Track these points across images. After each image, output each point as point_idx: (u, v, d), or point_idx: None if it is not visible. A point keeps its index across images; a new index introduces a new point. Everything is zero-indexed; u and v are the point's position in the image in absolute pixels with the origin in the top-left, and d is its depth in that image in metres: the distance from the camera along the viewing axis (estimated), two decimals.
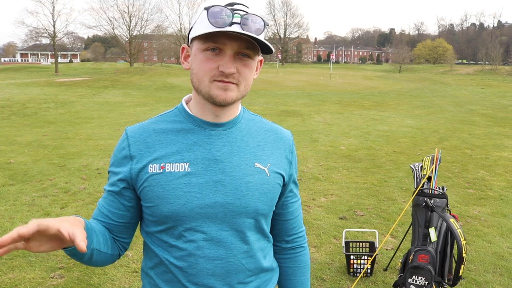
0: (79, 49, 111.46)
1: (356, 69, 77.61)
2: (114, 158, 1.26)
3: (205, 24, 1.11)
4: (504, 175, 7.52)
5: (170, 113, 1.30)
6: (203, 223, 1.20)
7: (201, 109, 1.24)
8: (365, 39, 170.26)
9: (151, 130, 1.25)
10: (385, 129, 12.44)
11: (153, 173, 1.19)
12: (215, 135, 1.24)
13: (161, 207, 1.19)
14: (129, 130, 1.27)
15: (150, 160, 1.20)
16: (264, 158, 1.29)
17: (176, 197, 1.18)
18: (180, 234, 1.21)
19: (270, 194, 1.27)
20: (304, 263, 1.48)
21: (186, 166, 1.20)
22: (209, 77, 1.16)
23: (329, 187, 6.67)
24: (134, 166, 1.21)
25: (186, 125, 1.25)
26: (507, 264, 4.24)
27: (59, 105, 17.14)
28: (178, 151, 1.21)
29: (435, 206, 3.35)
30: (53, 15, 51.23)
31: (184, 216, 1.19)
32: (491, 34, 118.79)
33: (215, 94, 1.16)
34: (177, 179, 1.19)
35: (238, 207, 1.22)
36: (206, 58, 1.15)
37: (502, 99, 22.68)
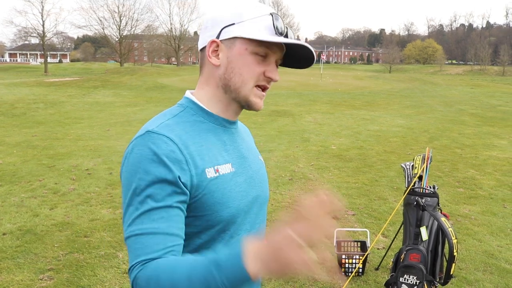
0: (68, 49, 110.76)
1: (346, 69, 77.87)
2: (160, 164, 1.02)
3: (269, 29, 1.12)
4: (493, 174, 7.57)
5: (184, 112, 1.17)
6: (245, 220, 1.20)
7: (224, 108, 1.20)
8: (355, 39, 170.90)
9: (182, 131, 1.11)
10: (375, 129, 12.48)
11: (212, 178, 1.09)
12: (235, 133, 1.25)
13: (220, 212, 1.11)
14: (166, 131, 1.07)
15: (204, 164, 1.09)
16: (257, 150, 1.39)
17: (233, 199, 1.14)
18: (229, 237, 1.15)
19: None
20: None
21: (230, 166, 1.16)
22: (254, 81, 1.15)
23: (320, 186, 6.67)
24: (193, 173, 1.06)
25: (209, 124, 1.18)
26: (497, 263, 4.26)
27: (48, 106, 17.01)
28: (219, 152, 1.16)
29: (426, 205, 3.36)
30: (42, 15, 50.95)
31: (238, 217, 1.16)
32: (480, 34, 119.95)
33: (254, 101, 1.17)
34: (230, 181, 1.14)
35: (263, 198, 1.29)
36: (256, 62, 1.14)
37: (491, 99, 22.87)
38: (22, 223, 5.02)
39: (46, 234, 4.73)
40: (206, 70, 1.20)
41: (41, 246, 4.42)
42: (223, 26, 1.14)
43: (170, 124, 1.10)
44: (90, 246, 4.45)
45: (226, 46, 1.14)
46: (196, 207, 1.08)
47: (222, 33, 1.14)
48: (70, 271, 3.93)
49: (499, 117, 15.55)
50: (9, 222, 5.04)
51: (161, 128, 1.08)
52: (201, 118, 1.18)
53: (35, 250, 4.31)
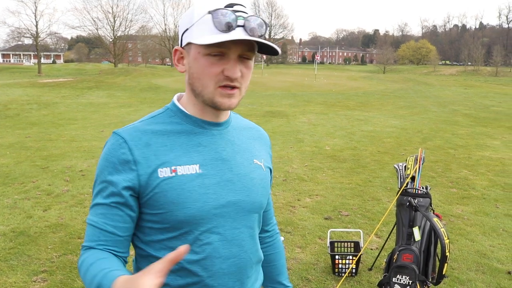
0: (62, 49, 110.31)
1: (340, 69, 78.06)
2: (110, 165, 1.13)
3: (210, 29, 1.09)
4: (486, 174, 7.61)
5: (163, 114, 1.24)
6: (218, 224, 1.19)
7: (200, 111, 1.21)
8: (349, 40, 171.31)
9: (149, 132, 1.17)
10: (369, 129, 12.52)
11: (165, 178, 1.13)
12: (217, 134, 1.24)
13: (176, 212, 1.13)
14: (124, 133, 1.16)
15: (159, 164, 1.13)
16: (258, 154, 1.33)
17: (193, 200, 1.14)
18: (195, 238, 1.17)
19: (267, 188, 1.33)
20: (281, 247, 1.58)
21: (197, 167, 1.17)
22: (214, 83, 1.13)
23: (314, 187, 6.69)
24: (141, 172, 1.12)
25: (186, 126, 1.21)
26: (489, 262, 4.29)
27: (42, 106, 16.95)
28: (186, 153, 1.17)
29: (419, 205, 3.38)
30: (35, 15, 50.70)
31: (201, 219, 1.16)
32: (473, 35, 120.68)
33: (220, 102, 1.15)
34: (191, 182, 1.15)
35: (248, 204, 1.24)
36: (210, 63, 1.12)
37: (484, 99, 23.00)
38: (15, 224, 5.01)
39: (39, 235, 4.71)
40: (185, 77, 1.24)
41: (34, 248, 4.41)
42: (182, 32, 1.17)
43: (137, 127, 1.18)
44: None
45: (187, 52, 1.17)
46: (150, 205, 1.14)
47: (182, 40, 1.17)
48: (64, 273, 3.92)
49: (492, 118, 15.64)
50: (2, 224, 5.02)
51: (126, 130, 1.17)
52: (178, 120, 1.21)
53: (29, 252, 4.30)
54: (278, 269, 1.54)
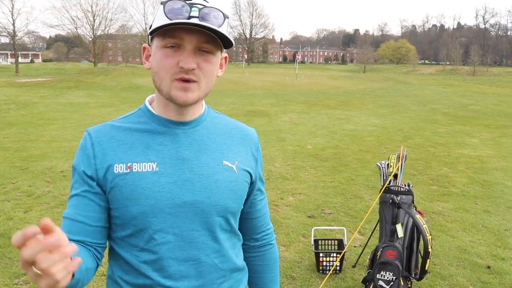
0: (40, 48, 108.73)
1: (321, 69, 78.50)
2: (79, 159, 1.19)
3: (162, 19, 1.08)
4: (465, 172, 7.75)
5: (133, 114, 1.27)
6: (174, 224, 1.17)
7: (164, 108, 1.22)
8: (330, 40, 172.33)
9: (114, 130, 1.21)
10: (351, 128, 12.63)
11: (120, 173, 1.15)
12: (181, 133, 1.22)
13: (130, 208, 1.14)
14: (91, 130, 1.22)
15: (115, 160, 1.16)
16: (232, 155, 1.28)
17: (145, 197, 1.14)
18: (150, 237, 1.16)
19: (239, 191, 1.27)
20: (274, 260, 1.49)
21: (154, 165, 1.16)
22: (170, 75, 1.13)
23: (297, 186, 6.72)
24: (99, 166, 1.16)
25: (151, 125, 1.22)
26: (470, 257, 4.37)
27: (20, 107, 16.67)
28: (145, 151, 1.18)
29: (402, 202, 3.43)
30: (12, 13, 49.68)
31: (153, 217, 1.15)
32: (451, 35, 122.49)
33: (176, 95, 1.14)
34: (146, 179, 1.15)
35: (207, 206, 1.20)
36: (165, 55, 1.12)
37: (463, 98, 23.37)
38: None
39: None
40: None
41: (15, 250, 4.34)
42: (149, 31, 1.18)
43: (106, 125, 1.24)
44: None
45: (151, 48, 1.19)
46: (110, 200, 1.17)
47: (150, 38, 1.19)
48: None
49: (470, 116, 15.91)
50: None
51: (96, 127, 1.23)
52: (145, 119, 1.23)
53: (9, 255, 4.24)
54: (264, 282, 1.47)
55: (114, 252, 1.24)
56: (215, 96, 21.06)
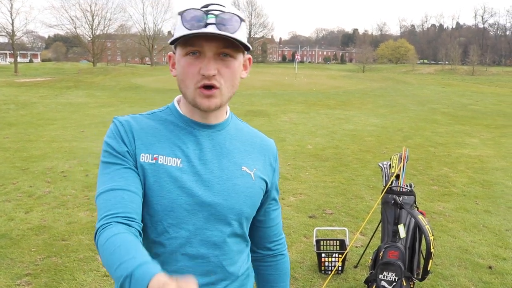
0: (39, 48, 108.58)
1: (320, 68, 78.48)
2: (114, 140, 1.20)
3: (181, 29, 1.11)
4: (465, 172, 7.76)
5: (161, 111, 1.30)
6: (189, 221, 1.19)
7: (190, 111, 1.26)
8: (329, 39, 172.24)
9: (143, 122, 1.25)
10: (350, 128, 12.63)
11: (145, 163, 1.18)
12: (205, 135, 1.25)
13: (151, 198, 1.17)
14: (121, 118, 1.25)
15: (142, 149, 1.19)
16: (251, 162, 1.31)
17: (167, 190, 1.17)
18: (164, 230, 1.19)
19: (254, 198, 1.30)
20: (285, 270, 1.51)
21: (178, 161, 1.20)
22: (193, 83, 1.16)
23: (298, 186, 6.73)
24: (131, 152, 1.19)
25: (177, 124, 1.25)
26: (471, 257, 4.38)
27: (19, 107, 16.66)
28: (171, 146, 1.21)
29: (404, 203, 3.44)
30: (11, 13, 49.66)
31: (171, 211, 1.17)
32: (450, 35, 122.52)
33: (200, 102, 1.18)
34: (170, 173, 1.18)
35: (224, 208, 1.22)
36: (188, 63, 1.15)
37: (462, 98, 23.39)
38: None
39: (22, 238, 4.64)
40: None
41: (17, 250, 4.35)
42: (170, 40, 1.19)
43: (136, 116, 1.27)
44: (68, 249, 4.39)
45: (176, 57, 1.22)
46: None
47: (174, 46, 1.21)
48: (49, 275, 3.87)
49: (470, 116, 15.93)
50: None
51: (124, 117, 1.26)
52: (173, 118, 1.26)
53: (11, 255, 4.23)
54: None
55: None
56: None
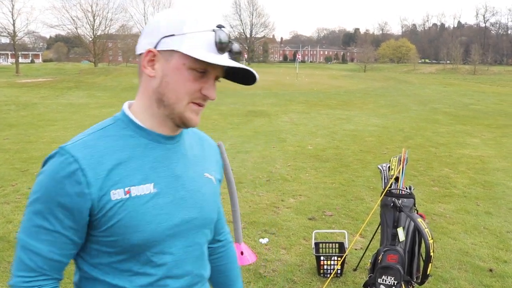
0: (41, 49, 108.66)
1: (322, 68, 78.42)
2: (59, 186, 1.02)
3: (210, 46, 1.06)
4: (467, 172, 7.72)
5: (113, 125, 1.14)
6: (171, 244, 1.14)
7: (158, 123, 1.14)
8: (330, 39, 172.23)
9: (101, 147, 1.07)
10: (351, 128, 12.60)
11: (118, 200, 1.05)
12: (171, 149, 1.17)
13: (129, 236, 1.07)
14: (72, 149, 1.05)
15: (111, 185, 1.05)
16: (209, 166, 1.29)
17: (146, 222, 1.08)
18: (147, 260, 1.11)
19: (218, 201, 1.31)
20: (234, 256, 1.52)
21: (151, 187, 1.10)
22: (189, 98, 1.10)
23: (298, 187, 6.70)
24: (94, 196, 1.03)
25: (139, 139, 1.13)
26: (472, 260, 4.35)
27: (20, 107, 16.66)
28: (140, 170, 1.10)
29: (403, 206, 3.40)
30: (12, 14, 49.65)
31: (154, 240, 1.10)
32: (451, 34, 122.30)
33: (189, 117, 1.12)
34: (145, 203, 1.08)
35: (200, 221, 1.20)
36: (193, 78, 1.08)
37: (463, 97, 23.34)
38: None
39: None
40: (143, 79, 1.14)
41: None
42: (163, 35, 1.08)
43: (87, 141, 1.08)
44: None
45: (163, 57, 1.08)
46: (100, 228, 1.07)
47: (160, 43, 1.08)
48: None
49: (471, 116, 15.88)
50: None
51: (75, 146, 1.06)
52: (131, 132, 1.12)
53: (9, 258, 4.21)
54: (231, 279, 1.50)
55: (93, 278, 1.13)
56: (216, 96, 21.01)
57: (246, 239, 4.69)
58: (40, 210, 1.04)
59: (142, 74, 1.12)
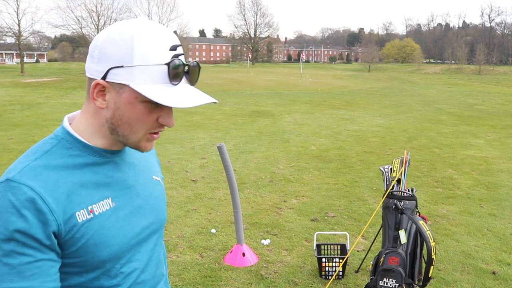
0: (46, 48, 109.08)
1: (326, 68, 78.34)
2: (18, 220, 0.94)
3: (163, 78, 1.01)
4: (470, 174, 7.68)
5: (57, 147, 1.07)
6: (136, 251, 1.17)
7: (107, 143, 1.11)
8: (335, 39, 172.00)
9: (51, 171, 1.02)
10: (355, 128, 12.57)
11: (84, 221, 1.03)
12: (119, 161, 1.16)
13: (99, 253, 1.06)
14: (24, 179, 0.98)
15: (74, 207, 1.02)
16: (153, 168, 1.31)
17: (113, 236, 1.08)
18: (117, 273, 1.12)
19: (165, 200, 1.34)
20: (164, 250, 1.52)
21: (110, 201, 1.10)
22: (146, 130, 1.07)
23: (300, 188, 6.68)
24: (61, 221, 0.99)
25: (87, 157, 1.09)
26: (474, 263, 4.32)
27: (25, 107, 16.71)
28: (96, 189, 1.08)
29: (405, 208, 3.39)
30: (17, 14, 49.94)
31: (122, 252, 1.11)
32: (456, 34, 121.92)
33: (144, 146, 1.10)
34: (109, 219, 1.08)
35: (157, 224, 1.24)
36: (148, 111, 1.04)
37: (468, 97, 23.25)
38: None
39: None
40: (92, 105, 1.07)
41: None
42: (110, 66, 1.00)
43: (35, 167, 1.01)
44: None
45: (114, 89, 1.03)
46: (71, 252, 1.03)
47: (109, 73, 1.01)
48: None
49: (476, 116, 15.81)
50: None
51: (24, 174, 0.99)
52: (77, 152, 1.08)
53: None
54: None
55: None
56: (219, 97, 21.04)
57: (248, 240, 4.68)
58: (10, 249, 0.95)
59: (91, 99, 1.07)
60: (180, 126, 12.49)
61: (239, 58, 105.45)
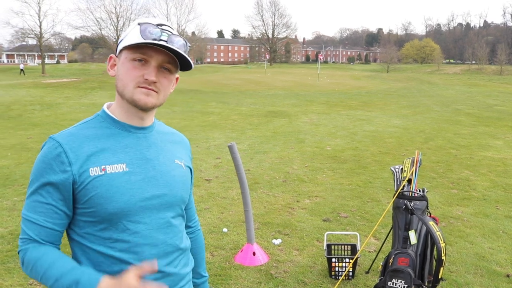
0: (66, 50, 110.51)
1: (344, 69, 77.89)
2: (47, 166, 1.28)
3: (137, 37, 1.28)
4: (487, 175, 7.57)
5: (93, 120, 1.40)
6: (144, 215, 1.34)
7: (126, 114, 1.39)
8: (353, 39, 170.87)
9: (81, 136, 1.33)
10: (371, 129, 12.48)
11: (96, 176, 1.28)
12: (142, 137, 1.41)
13: (106, 205, 1.28)
14: (59, 137, 1.31)
15: (90, 164, 1.29)
16: (179, 155, 1.51)
17: (120, 194, 1.29)
18: (124, 228, 1.32)
19: (187, 184, 1.51)
20: (202, 242, 1.76)
21: (124, 166, 1.33)
22: (134, 83, 1.31)
23: (314, 188, 6.66)
24: (75, 172, 1.27)
25: (114, 130, 1.37)
26: (488, 265, 4.25)
27: (44, 107, 16.99)
28: (114, 154, 1.33)
29: (415, 208, 3.36)
30: (39, 16, 50.85)
31: (128, 210, 1.31)
32: (477, 34, 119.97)
33: (138, 98, 1.32)
34: (119, 178, 1.31)
35: (170, 197, 1.41)
36: (133, 67, 1.31)
37: (488, 98, 22.90)
38: (14, 227, 5.01)
39: None
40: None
41: None
42: (118, 42, 1.38)
43: (72, 131, 1.34)
44: None
45: (118, 59, 1.37)
46: (83, 200, 1.29)
47: (117, 48, 1.38)
48: None
49: (495, 117, 15.56)
50: (1, 226, 5.02)
51: (60, 134, 1.33)
52: (107, 124, 1.38)
53: None
54: (198, 261, 1.71)
55: (83, 247, 1.35)
56: (236, 97, 21.09)
57: (259, 240, 4.69)
58: (35, 188, 1.29)
59: None
60: (196, 126, 12.56)
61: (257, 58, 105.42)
